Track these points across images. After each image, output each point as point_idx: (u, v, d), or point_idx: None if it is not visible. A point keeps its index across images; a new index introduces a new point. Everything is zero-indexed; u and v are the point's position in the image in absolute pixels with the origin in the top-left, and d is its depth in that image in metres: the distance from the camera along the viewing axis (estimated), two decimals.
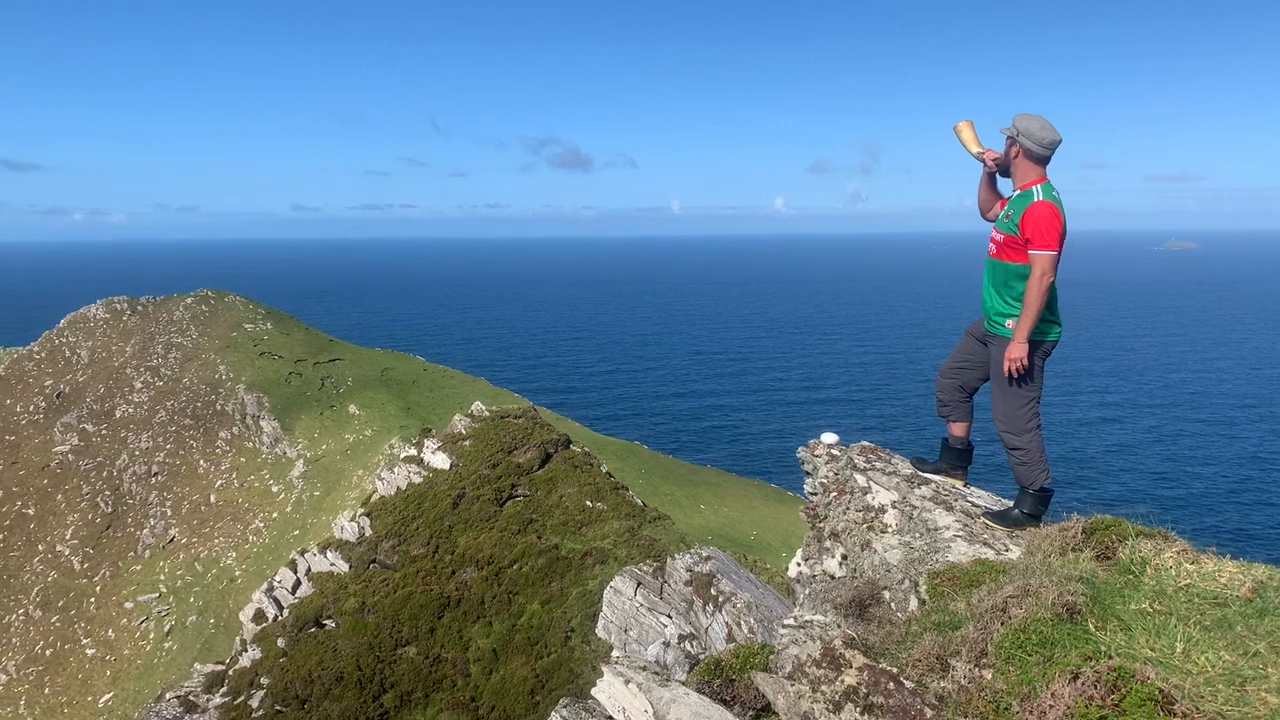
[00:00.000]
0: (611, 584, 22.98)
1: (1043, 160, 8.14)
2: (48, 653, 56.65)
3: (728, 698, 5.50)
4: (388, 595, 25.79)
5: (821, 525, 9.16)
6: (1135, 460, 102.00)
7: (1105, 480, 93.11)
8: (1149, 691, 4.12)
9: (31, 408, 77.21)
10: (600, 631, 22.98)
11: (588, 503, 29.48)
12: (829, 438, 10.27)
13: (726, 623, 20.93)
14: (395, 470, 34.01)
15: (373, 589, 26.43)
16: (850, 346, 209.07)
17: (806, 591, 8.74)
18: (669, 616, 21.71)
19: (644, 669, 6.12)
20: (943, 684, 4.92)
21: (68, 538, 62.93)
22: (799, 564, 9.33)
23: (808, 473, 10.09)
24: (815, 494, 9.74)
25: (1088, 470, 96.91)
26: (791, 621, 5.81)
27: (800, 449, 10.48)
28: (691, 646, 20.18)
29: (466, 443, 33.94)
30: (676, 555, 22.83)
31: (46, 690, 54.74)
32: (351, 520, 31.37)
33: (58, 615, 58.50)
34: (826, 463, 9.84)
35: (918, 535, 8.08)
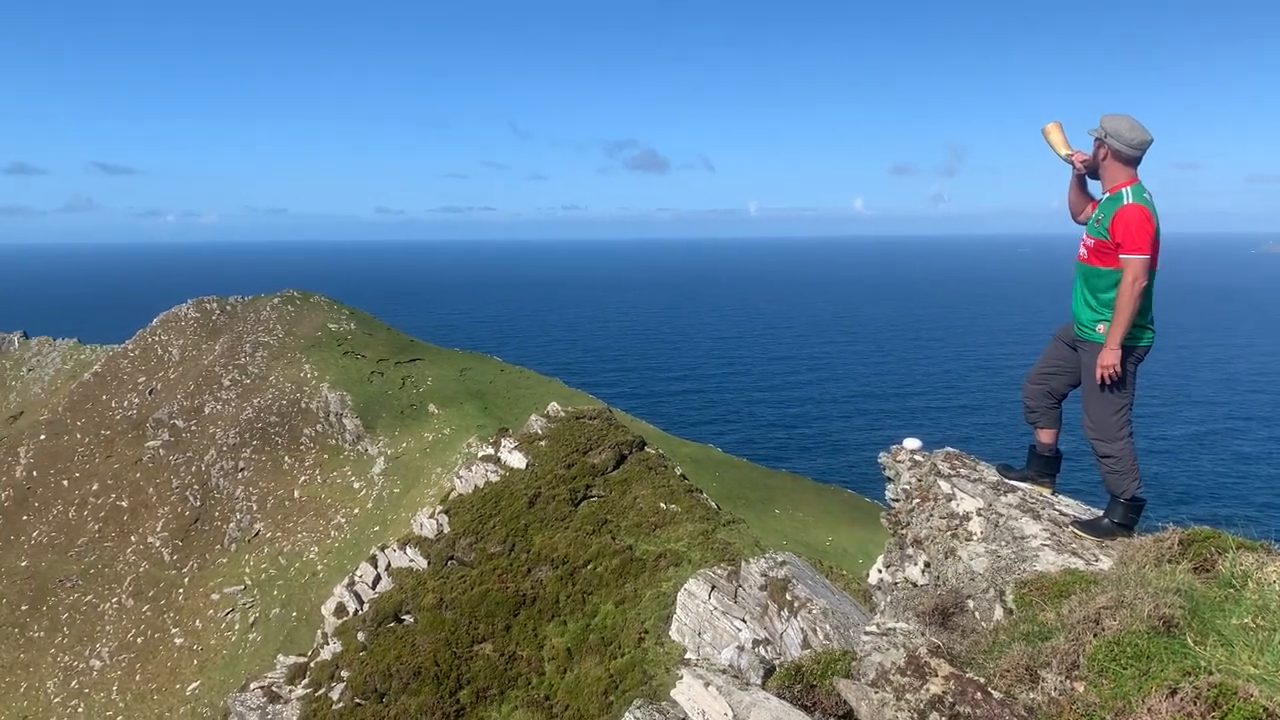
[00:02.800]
0: (685, 587, 22.95)
1: (1133, 161, 7.92)
2: (139, 641, 58.67)
3: (808, 703, 5.44)
4: (465, 592, 26.12)
5: (903, 532, 9.01)
6: (1232, 471, 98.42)
7: (1200, 491, 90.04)
8: (1252, 710, 3.95)
9: (126, 404, 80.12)
10: (674, 634, 22.96)
11: (662, 505, 29.47)
12: (911, 443, 10.11)
13: (802, 629, 20.74)
14: (473, 469, 34.44)
15: (450, 585, 26.80)
16: (933, 351, 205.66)
17: (888, 599, 8.60)
18: (743, 621, 21.59)
19: (724, 672, 6.09)
20: (1032, 695, 4.79)
21: (158, 530, 65.10)
22: (880, 571, 9.20)
23: (889, 478, 9.94)
24: (897, 500, 9.59)
25: (1181, 480, 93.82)
26: (874, 628, 5.72)
27: (882, 454, 10.33)
28: (766, 652, 20.02)
29: (542, 443, 34.23)
30: (751, 559, 22.70)
31: (137, 677, 56.70)
32: (430, 517, 31.86)
33: (148, 605, 60.56)
34: (909, 469, 9.68)
35: (1004, 543, 7.89)
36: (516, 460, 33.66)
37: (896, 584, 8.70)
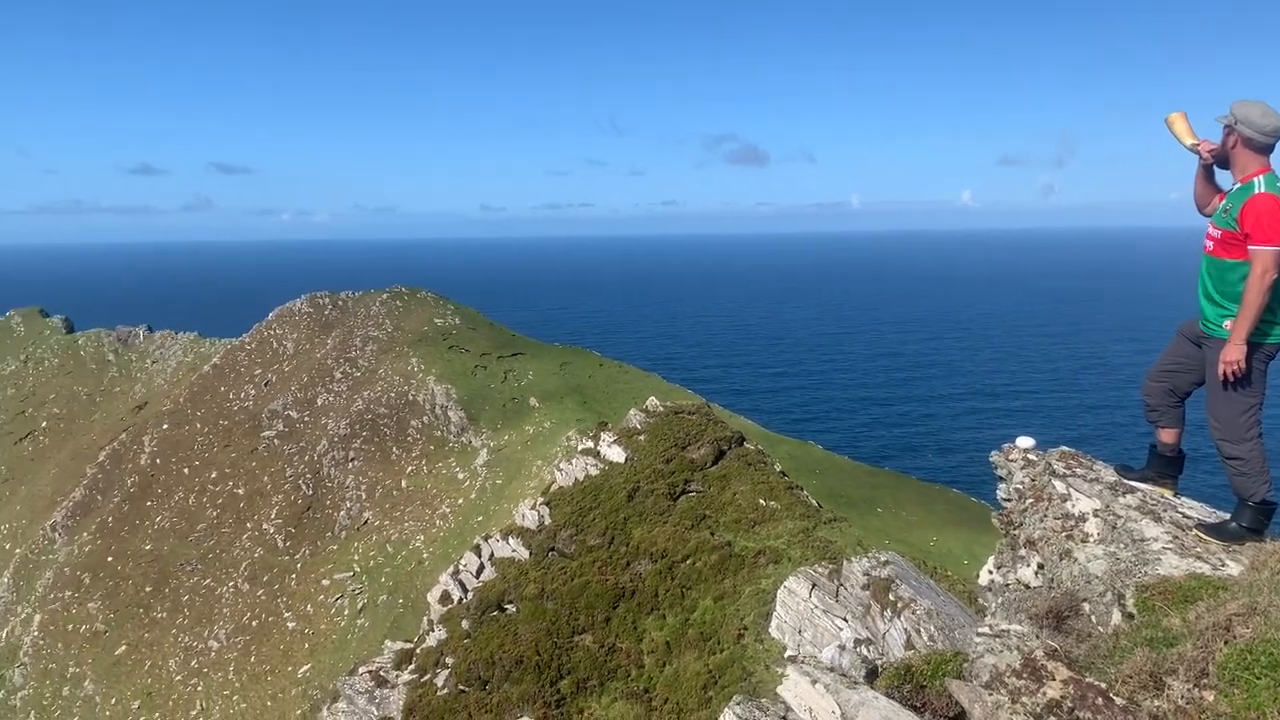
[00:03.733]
0: (786, 584, 22.77)
1: (1265, 149, 7.57)
2: (254, 624, 61.02)
3: (918, 704, 5.33)
4: (565, 583, 26.41)
5: (1016, 533, 8.76)
6: None
7: None
8: None
9: (243, 395, 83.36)
10: (774, 631, 22.80)
11: (761, 501, 29.29)
12: (1025, 442, 9.82)
13: (905, 629, 20.37)
14: (573, 462, 34.80)
15: (551, 576, 27.14)
16: (1045, 347, 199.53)
17: (999, 600, 8.38)
18: (844, 620, 21.31)
19: (831, 670, 6.02)
20: (1157, 703, 4.60)
21: (273, 517, 67.57)
22: (990, 572, 8.97)
23: (1001, 478, 9.68)
24: (1009, 500, 9.33)
25: None
26: (986, 630, 5.58)
27: (993, 453, 10.07)
28: (868, 651, 19.72)
29: (641, 437, 34.36)
30: (853, 558, 22.41)
31: (252, 659, 59.00)
32: (532, 509, 32.32)
33: (263, 589, 62.93)
34: (1022, 468, 9.41)
35: (1123, 546, 7.61)
36: (615, 454, 33.88)
37: (1008, 585, 8.47)
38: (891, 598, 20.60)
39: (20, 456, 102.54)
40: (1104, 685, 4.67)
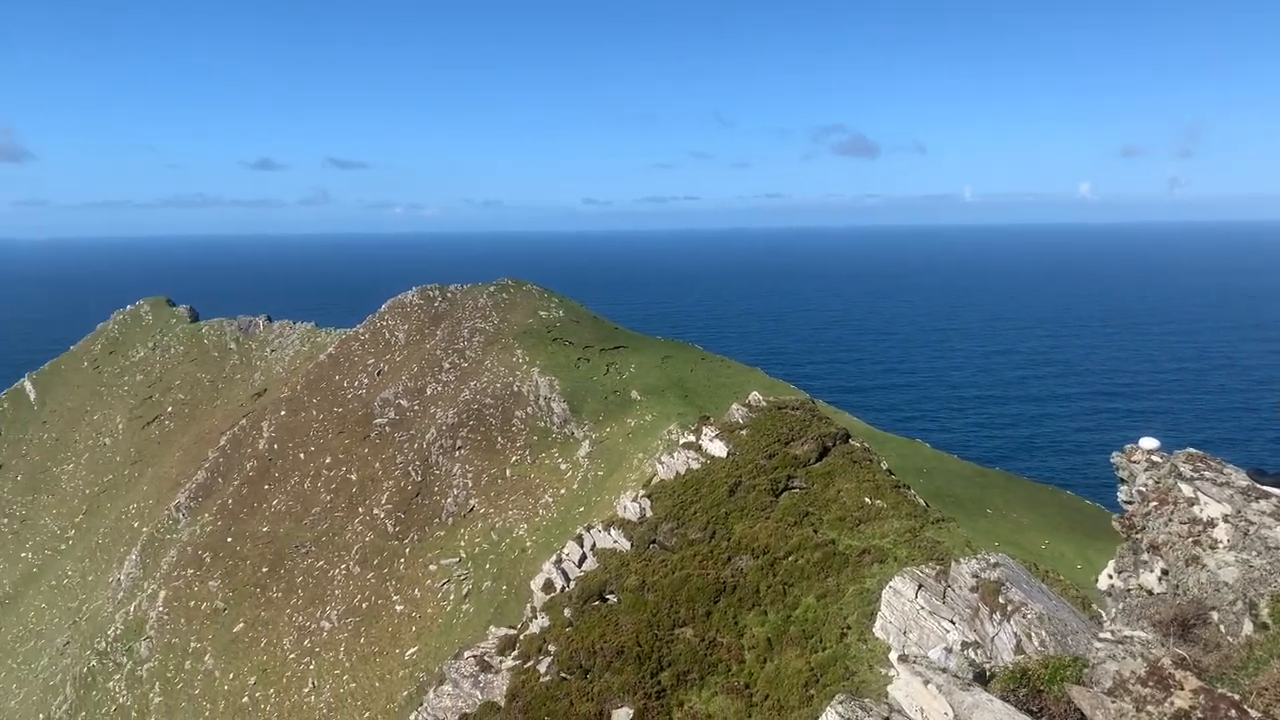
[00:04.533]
0: (891, 584, 22.35)
1: None
2: (364, 606, 62.90)
3: (1034, 709, 5.16)
4: (666, 576, 26.45)
5: (1138, 536, 8.40)
6: None
7: None
8: None
9: (356, 384, 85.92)
10: (878, 631, 22.42)
11: (866, 499, 28.81)
12: (1149, 443, 9.40)
13: (1015, 633, 19.75)
14: (674, 455, 34.82)
15: (652, 568, 27.21)
16: (1170, 347, 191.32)
17: (1119, 606, 8.04)
18: (951, 622, 20.80)
19: (944, 671, 5.86)
20: None
21: (383, 502, 69.49)
22: (1110, 576, 8.61)
23: (1122, 480, 9.28)
24: (1131, 503, 8.95)
25: None
26: (1108, 635, 5.35)
27: (1115, 454, 9.67)
28: (975, 655, 19.21)
29: (743, 432, 34.16)
30: (961, 559, 21.85)
31: (362, 640, 60.83)
32: (633, 501, 32.47)
33: (373, 572, 64.81)
34: (1145, 470, 9.01)
35: (1256, 553, 7.21)
36: (717, 448, 33.76)
37: (1129, 591, 8.12)
38: (1001, 600, 20.01)
39: (148, 439, 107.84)
40: (1236, 697, 4.43)
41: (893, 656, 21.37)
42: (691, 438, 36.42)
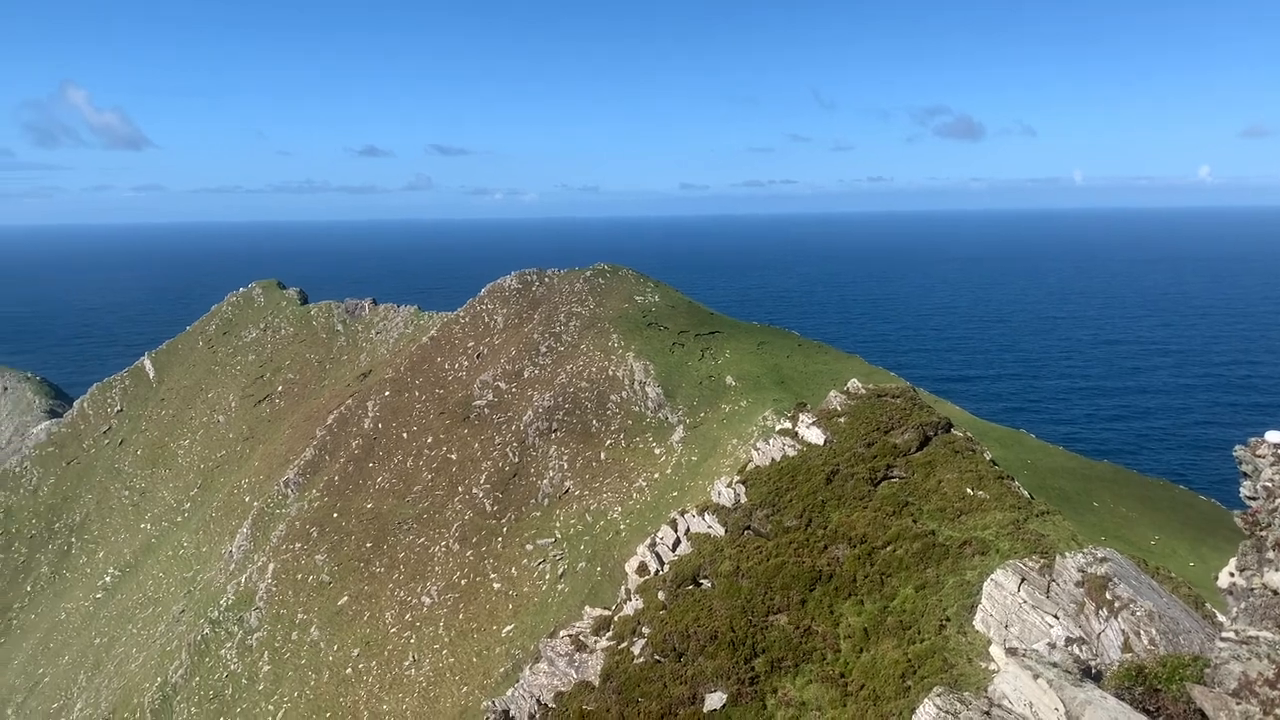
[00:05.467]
0: (992, 577, 21.85)
1: None
2: (462, 582, 64.28)
3: (1151, 708, 4.96)
4: (761, 562, 26.33)
5: (1263, 534, 8.00)
6: None
7: None
8: None
9: (456, 366, 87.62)
10: (978, 624, 21.95)
11: (968, 490, 28.17)
12: (1275, 436, 8.93)
13: (1123, 630, 19.11)
14: (770, 442, 34.57)
15: (747, 555, 27.12)
16: None
17: (1242, 605, 7.68)
18: (1055, 617, 20.24)
19: (1055, 665, 5.69)
20: None
21: (481, 482, 70.81)
22: (1232, 574, 8.23)
23: (1245, 474, 8.84)
24: (1255, 499, 8.53)
25: None
26: (1231, 635, 5.12)
27: (1238, 448, 9.22)
28: (1081, 651, 18.63)
29: (841, 419, 33.71)
30: (1067, 554, 21.20)
31: (461, 615, 62.19)
32: (728, 487, 32.37)
33: (471, 550, 66.14)
34: (1272, 464, 8.57)
35: None
36: (814, 436, 33.40)
37: (1253, 590, 7.75)
38: (1108, 596, 19.37)
39: (259, 417, 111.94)
40: None
41: (994, 650, 20.89)
42: (788, 424, 36.11)
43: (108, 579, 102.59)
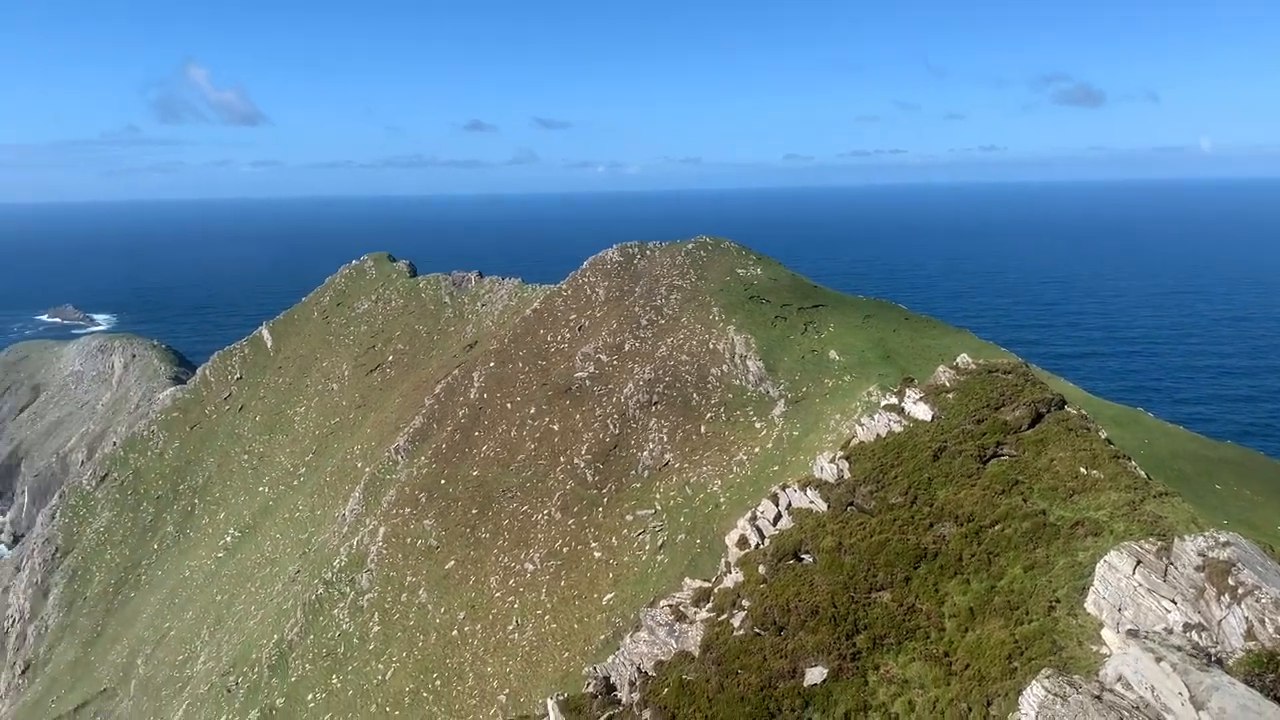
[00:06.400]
0: (1106, 558, 21.18)
1: None
2: (564, 550, 65.33)
3: None
4: (864, 539, 26.04)
5: None
6: None
7: None
8: None
9: (558, 338, 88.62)
10: (1090, 606, 21.32)
11: (1082, 469, 27.27)
12: None
13: (1247, 618, 18.28)
14: (875, 417, 34.04)
15: (850, 530, 26.85)
16: None
17: None
18: (1172, 601, 19.48)
19: (1179, 649, 5.49)
20: None
21: (583, 453, 71.67)
22: None
23: None
24: None
25: None
26: None
27: None
28: (1200, 638, 17.91)
29: (950, 395, 32.97)
30: (1186, 537, 20.38)
31: (562, 583, 63.27)
32: (831, 462, 32.03)
33: (573, 519, 67.12)
34: None
35: None
36: (921, 412, 32.75)
37: None
38: (1231, 582, 18.55)
39: (371, 386, 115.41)
40: None
41: (1106, 634, 20.26)
42: (894, 400, 35.50)
43: (228, 539, 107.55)
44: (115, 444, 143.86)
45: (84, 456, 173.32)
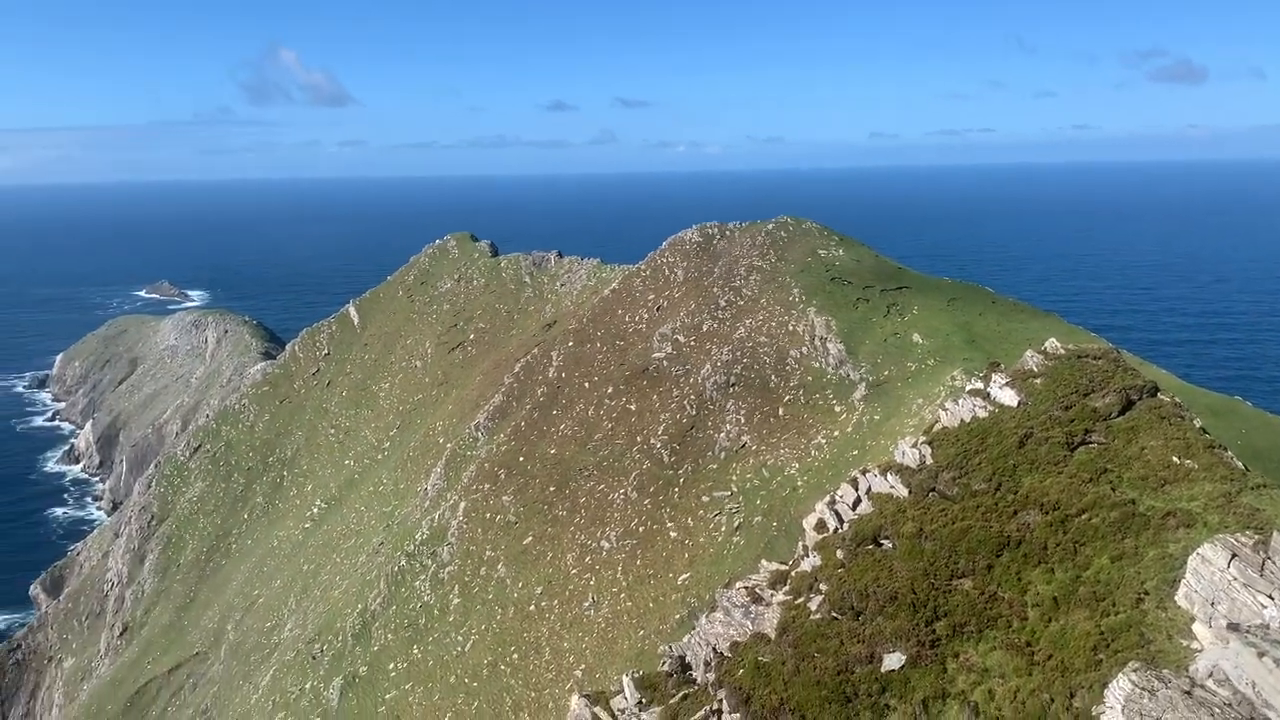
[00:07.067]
0: (1199, 551, 20.55)
1: None
2: (640, 530, 65.70)
3: None
4: (945, 525, 25.65)
5: None
6: None
7: None
8: None
9: (636, 318, 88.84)
10: (1181, 600, 20.72)
11: (1174, 459, 26.43)
12: None
13: None
14: (959, 402, 33.43)
15: (931, 517, 26.47)
16: None
17: None
18: (1269, 597, 18.82)
19: None
20: None
21: (659, 433, 71.86)
22: None
23: None
24: None
25: None
26: None
27: None
28: None
29: (1037, 381, 32.20)
30: None
31: (638, 561, 63.68)
32: (913, 447, 31.59)
33: (649, 499, 67.41)
34: None
35: None
36: (1007, 397, 32.07)
37: None
38: None
39: (452, 364, 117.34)
40: None
41: (1197, 628, 19.68)
42: (979, 384, 34.83)
43: (315, 510, 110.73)
44: (208, 416, 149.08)
45: (178, 428, 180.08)
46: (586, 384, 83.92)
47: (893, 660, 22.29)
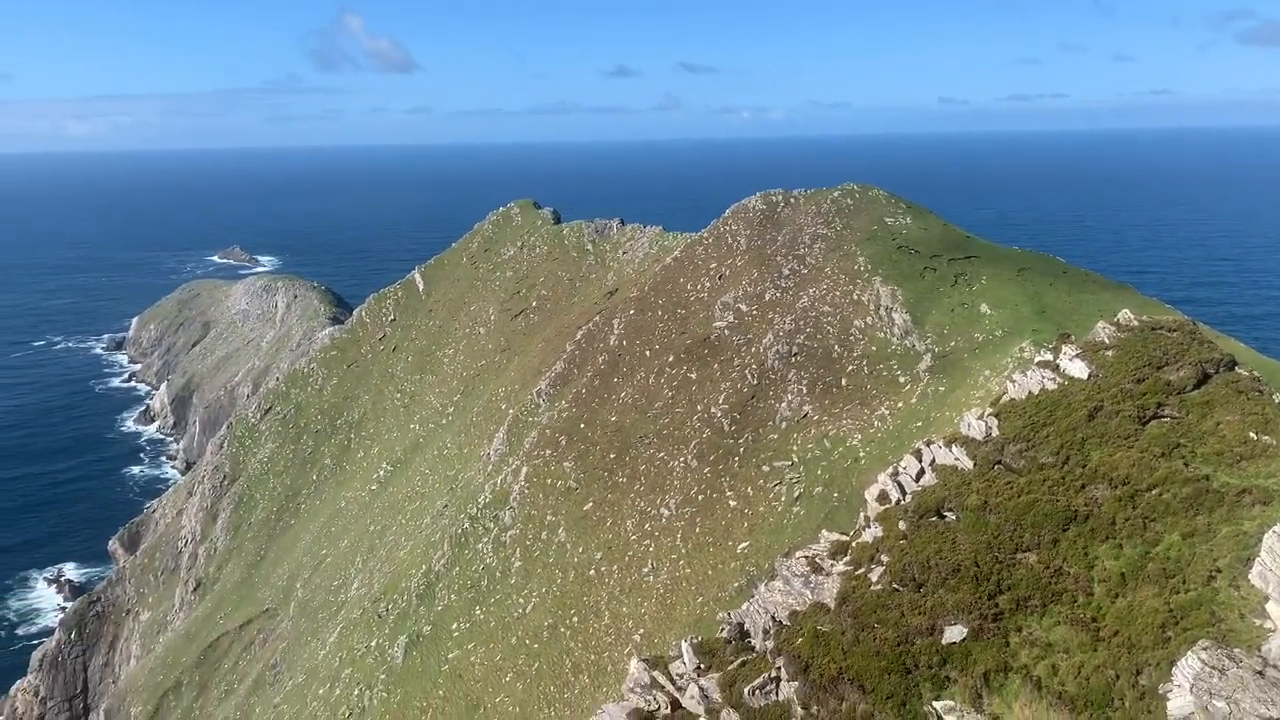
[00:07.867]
0: (1275, 529, 19.94)
1: None
2: (699, 498, 65.87)
3: None
4: (1011, 499, 25.25)
5: None
6: None
7: None
8: None
9: (698, 286, 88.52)
10: (1255, 579, 20.16)
11: (1252, 434, 25.64)
12: None
13: None
14: (1027, 374, 32.79)
15: (996, 490, 26.07)
16: None
17: None
18: None
19: None
20: None
21: (720, 402, 71.78)
22: None
23: None
24: None
25: None
26: None
27: None
28: None
29: (1109, 353, 31.42)
30: None
31: (697, 530, 63.92)
32: (979, 419, 31.09)
33: (709, 467, 67.51)
34: None
35: None
36: (1077, 369, 31.35)
37: None
38: None
39: (515, 330, 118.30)
40: None
41: (1271, 607, 19.18)
42: (1048, 356, 34.09)
43: (381, 473, 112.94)
44: (278, 379, 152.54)
45: (249, 390, 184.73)
46: (647, 352, 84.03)
47: (954, 633, 22.08)
